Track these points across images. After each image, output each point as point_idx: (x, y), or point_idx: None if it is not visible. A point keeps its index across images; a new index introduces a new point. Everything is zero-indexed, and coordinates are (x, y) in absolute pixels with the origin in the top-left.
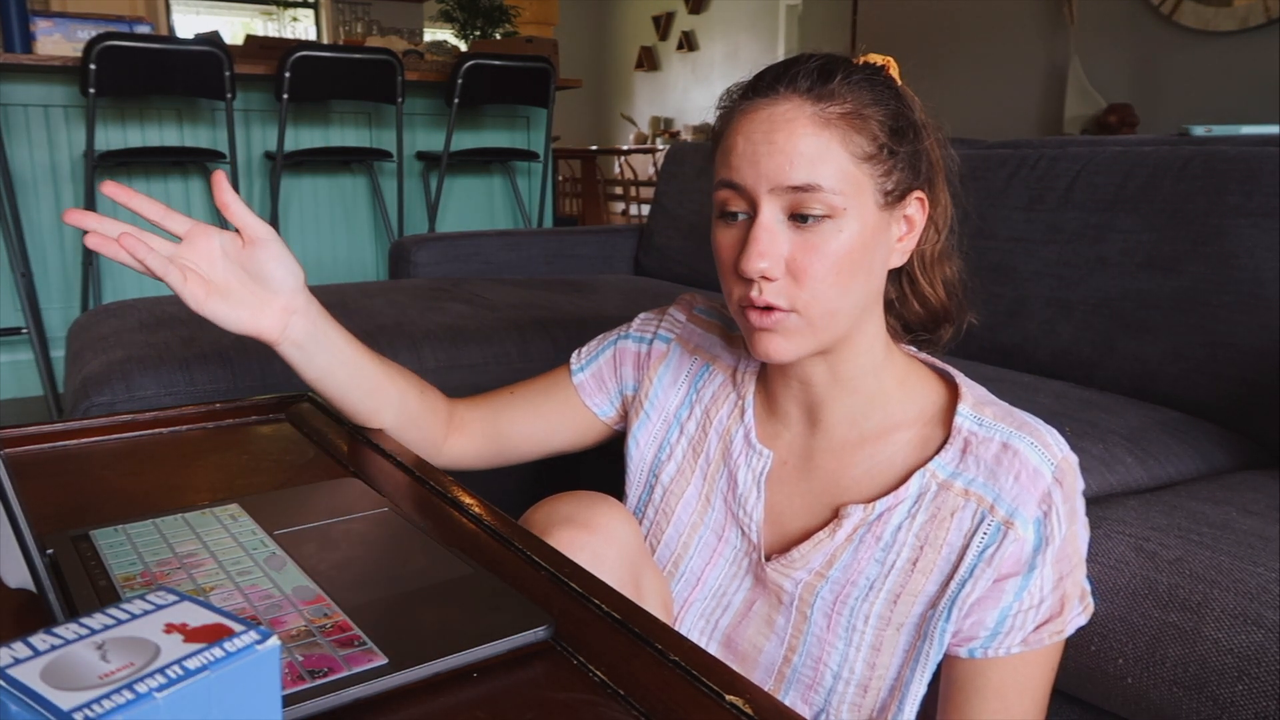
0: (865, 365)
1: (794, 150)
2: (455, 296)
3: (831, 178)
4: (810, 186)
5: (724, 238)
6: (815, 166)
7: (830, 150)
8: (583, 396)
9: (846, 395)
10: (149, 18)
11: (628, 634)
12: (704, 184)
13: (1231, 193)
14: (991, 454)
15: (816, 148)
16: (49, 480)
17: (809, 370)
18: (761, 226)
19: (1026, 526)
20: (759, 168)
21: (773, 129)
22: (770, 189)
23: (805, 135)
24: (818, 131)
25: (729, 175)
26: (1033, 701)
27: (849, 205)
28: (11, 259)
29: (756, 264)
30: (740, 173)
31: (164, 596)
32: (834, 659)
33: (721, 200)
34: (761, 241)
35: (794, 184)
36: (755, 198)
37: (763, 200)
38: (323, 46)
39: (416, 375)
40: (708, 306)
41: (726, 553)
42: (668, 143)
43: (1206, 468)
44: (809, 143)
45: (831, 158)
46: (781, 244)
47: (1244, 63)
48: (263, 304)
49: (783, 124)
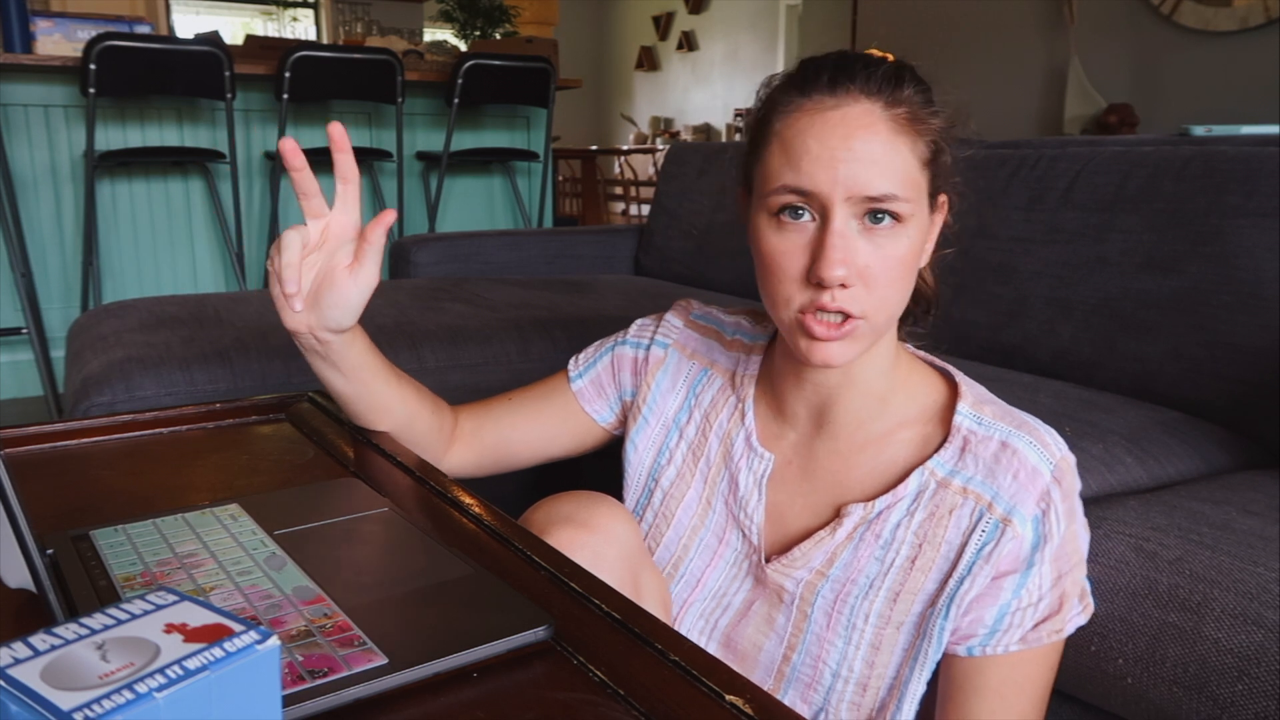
0: (877, 366)
1: (871, 157)
2: (455, 296)
3: (903, 185)
4: (887, 196)
5: (782, 241)
6: (891, 174)
7: (901, 155)
8: (582, 403)
9: (857, 395)
10: (149, 18)
11: (628, 634)
12: (704, 184)
13: (1231, 193)
14: (990, 452)
15: (891, 154)
16: (49, 480)
17: (828, 373)
18: (838, 234)
19: (1024, 524)
20: (836, 173)
21: (849, 133)
22: (847, 197)
23: (881, 140)
24: (890, 136)
25: (799, 181)
26: (1031, 700)
27: (915, 212)
28: (11, 259)
29: (837, 271)
30: (814, 178)
31: (164, 596)
32: (833, 657)
33: (781, 201)
34: (840, 249)
35: (872, 194)
36: (828, 204)
37: (837, 206)
38: (323, 46)
39: (432, 395)
40: (704, 311)
41: (727, 555)
42: (668, 143)
43: (1206, 468)
44: (885, 149)
45: (902, 163)
46: (857, 251)
47: (1244, 63)
48: (307, 309)
49: (859, 128)
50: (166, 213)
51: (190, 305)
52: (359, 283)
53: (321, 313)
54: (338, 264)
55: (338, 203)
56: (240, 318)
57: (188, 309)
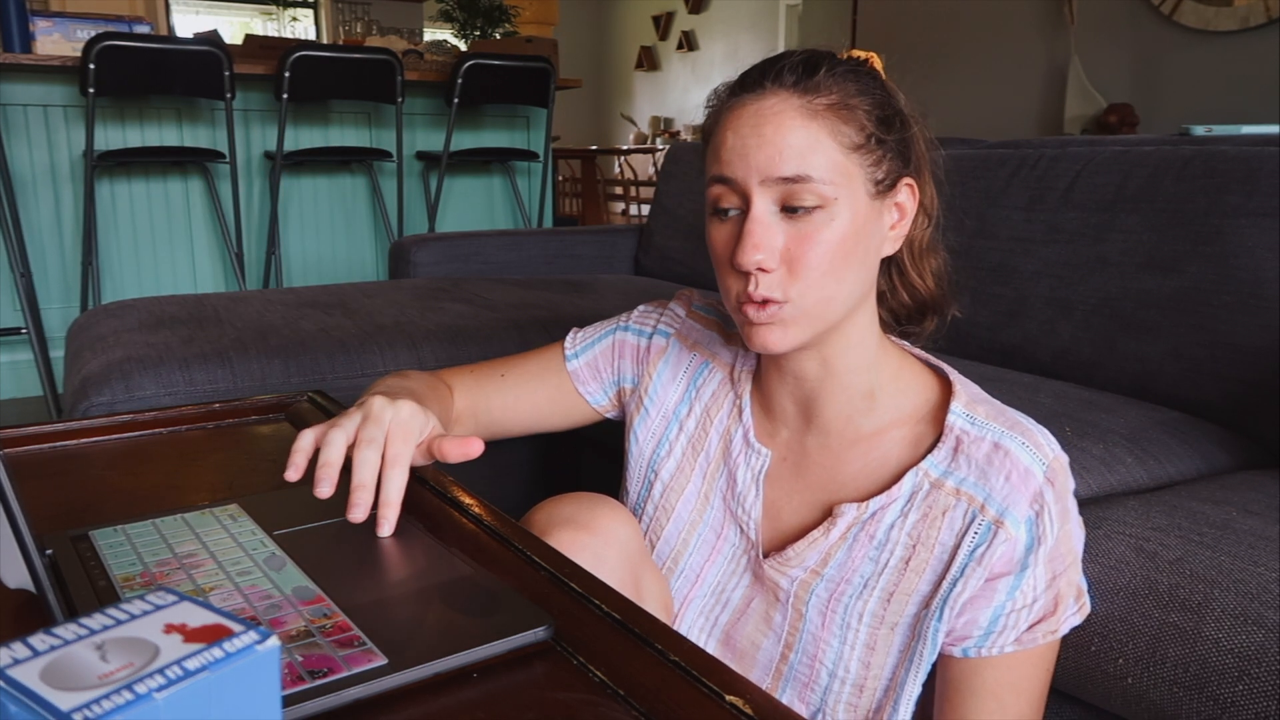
0: (859, 358)
1: (783, 142)
2: (455, 296)
3: (822, 168)
4: (801, 177)
5: (718, 234)
6: (805, 157)
7: (819, 141)
8: (576, 384)
9: (840, 390)
10: (148, 17)
11: (628, 634)
12: (702, 184)
13: (1231, 193)
14: (983, 453)
15: (805, 139)
16: (49, 480)
17: (803, 364)
18: (754, 220)
19: (1018, 526)
20: (749, 160)
21: (761, 122)
22: (761, 180)
23: (794, 128)
24: (806, 123)
25: (720, 170)
26: (1028, 701)
27: (840, 195)
28: (11, 259)
29: (752, 256)
30: (731, 166)
31: (163, 597)
32: (829, 657)
33: (714, 196)
34: (755, 234)
35: (785, 175)
36: (747, 191)
37: (755, 193)
38: (322, 46)
39: (446, 391)
40: (705, 303)
41: (725, 550)
42: (668, 143)
43: (1206, 468)
44: (798, 135)
45: (821, 148)
46: (775, 236)
47: (1244, 63)
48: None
49: (770, 117)
50: (166, 213)
51: (190, 305)
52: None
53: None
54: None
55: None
56: (240, 318)
57: (187, 309)
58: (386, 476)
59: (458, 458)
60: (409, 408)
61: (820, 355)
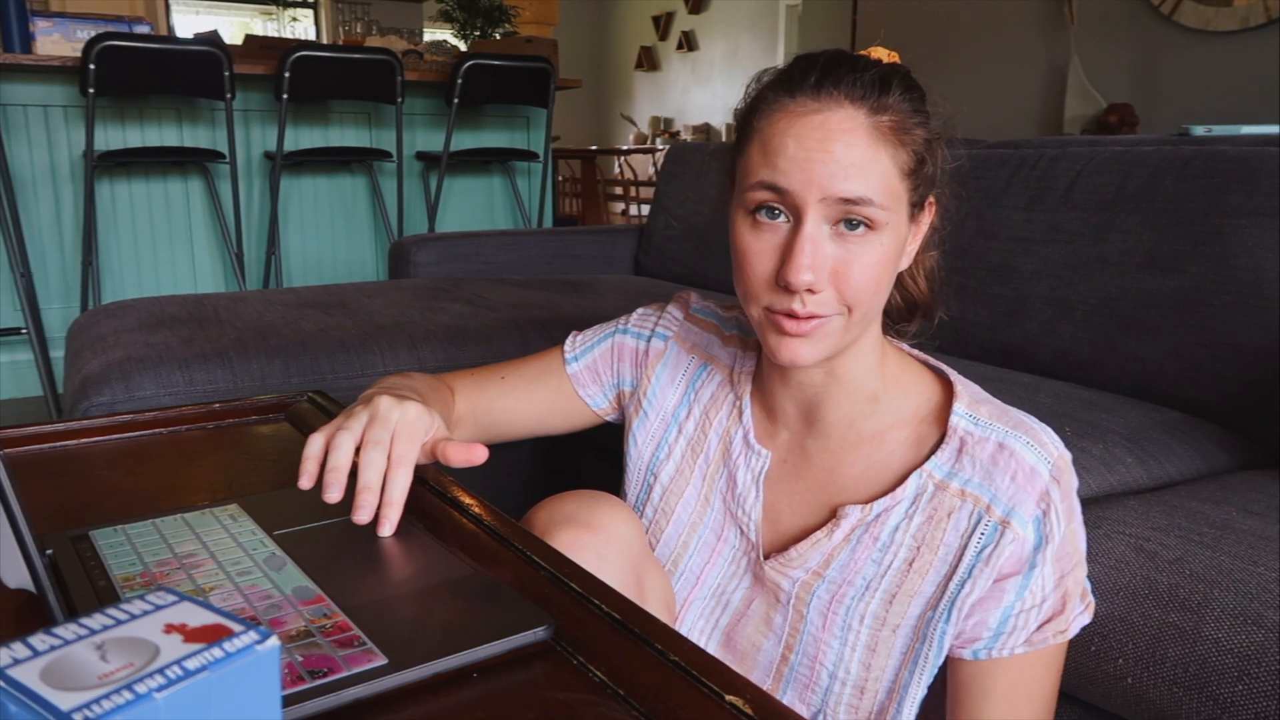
0: (864, 364)
1: (849, 162)
2: (455, 296)
3: (879, 192)
4: (862, 200)
5: (755, 241)
6: (867, 180)
7: (880, 163)
8: (576, 387)
9: (844, 395)
10: (148, 18)
11: (628, 634)
12: (704, 184)
13: (1231, 193)
14: (987, 454)
15: (868, 160)
16: (49, 480)
17: (810, 372)
18: (807, 237)
19: (1025, 526)
20: (811, 175)
21: (828, 138)
22: (821, 198)
23: (860, 147)
24: (871, 144)
25: (774, 179)
26: (1041, 701)
27: (890, 220)
28: (11, 259)
29: (803, 277)
30: (789, 177)
31: (163, 597)
32: (829, 658)
33: (759, 200)
34: (808, 254)
35: (846, 196)
36: (802, 206)
37: (810, 209)
38: (322, 46)
39: (448, 392)
40: (703, 305)
41: (726, 552)
42: (668, 143)
43: (1206, 468)
44: (863, 155)
45: (880, 171)
46: (826, 257)
47: (1244, 63)
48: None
49: (839, 134)
50: (166, 213)
51: (190, 305)
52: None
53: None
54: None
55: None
56: (240, 318)
57: (187, 309)
58: (391, 477)
59: (461, 463)
60: (415, 409)
61: (828, 364)
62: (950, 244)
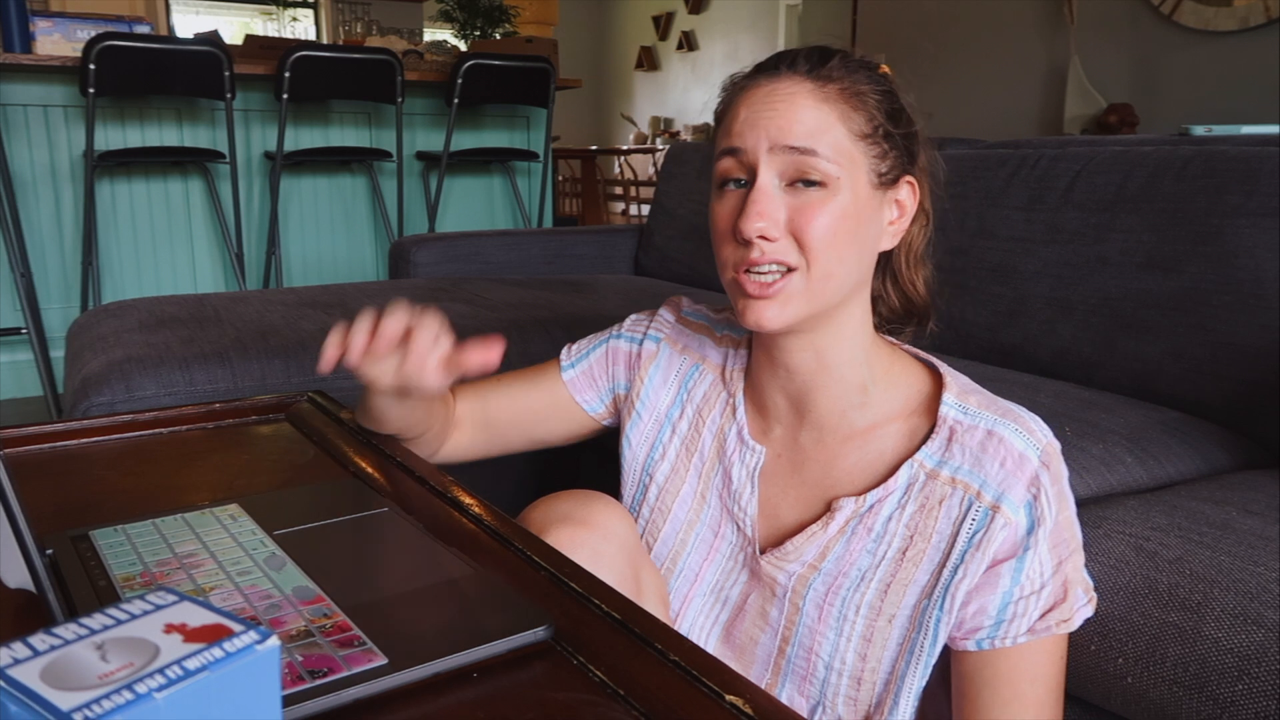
0: (851, 351)
1: (794, 115)
2: (455, 296)
3: (828, 147)
4: (809, 150)
5: (721, 207)
6: (814, 134)
7: (829, 123)
8: (572, 393)
9: (833, 383)
10: (149, 18)
11: (628, 634)
12: (704, 184)
13: (1231, 193)
14: (976, 441)
15: (816, 118)
16: (49, 480)
17: (795, 355)
18: (759, 189)
19: (1016, 510)
20: (759, 129)
21: (774, 98)
22: (770, 148)
23: (806, 106)
24: (817, 104)
25: (729, 142)
26: (1047, 692)
27: (843, 176)
28: (11, 259)
29: (755, 224)
30: (741, 137)
31: (164, 596)
32: (825, 649)
33: (722, 171)
34: (760, 203)
35: (793, 144)
36: (755, 161)
37: (762, 162)
38: (322, 46)
39: (453, 400)
40: (694, 308)
41: (723, 548)
42: (668, 143)
43: (1206, 468)
44: (809, 113)
45: (830, 130)
46: (779, 207)
47: (1244, 63)
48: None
49: (784, 95)
50: (166, 213)
51: (190, 305)
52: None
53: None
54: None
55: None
56: (240, 318)
57: (187, 309)
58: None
59: (479, 365)
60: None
61: (813, 345)
62: (950, 244)
